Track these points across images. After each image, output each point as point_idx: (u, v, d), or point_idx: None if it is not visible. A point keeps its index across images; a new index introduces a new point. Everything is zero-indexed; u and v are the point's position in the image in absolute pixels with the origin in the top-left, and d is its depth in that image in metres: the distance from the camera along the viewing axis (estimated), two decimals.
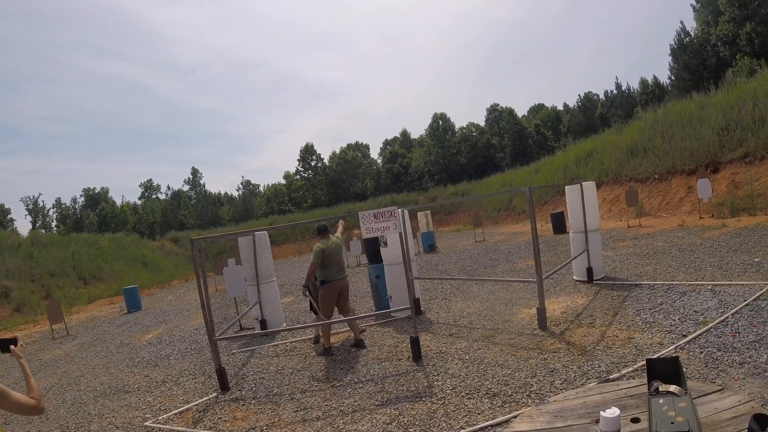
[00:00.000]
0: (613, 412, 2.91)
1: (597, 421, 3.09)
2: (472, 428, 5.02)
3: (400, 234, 7.82)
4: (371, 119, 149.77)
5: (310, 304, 9.35)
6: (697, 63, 45.40)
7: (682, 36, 48.52)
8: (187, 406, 7.28)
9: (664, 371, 3.22)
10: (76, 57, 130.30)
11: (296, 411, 6.32)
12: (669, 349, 6.13)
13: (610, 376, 5.59)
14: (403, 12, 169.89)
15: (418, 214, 26.65)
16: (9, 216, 79.71)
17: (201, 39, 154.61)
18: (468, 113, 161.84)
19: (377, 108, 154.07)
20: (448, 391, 6.04)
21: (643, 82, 60.95)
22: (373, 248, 11.20)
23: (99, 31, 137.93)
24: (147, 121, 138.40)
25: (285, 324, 11.42)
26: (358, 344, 8.86)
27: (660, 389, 3.03)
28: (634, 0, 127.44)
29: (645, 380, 3.33)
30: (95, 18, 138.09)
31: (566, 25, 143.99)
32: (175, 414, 7.07)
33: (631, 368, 5.73)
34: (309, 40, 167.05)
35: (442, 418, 5.34)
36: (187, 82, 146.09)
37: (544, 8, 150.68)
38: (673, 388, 2.99)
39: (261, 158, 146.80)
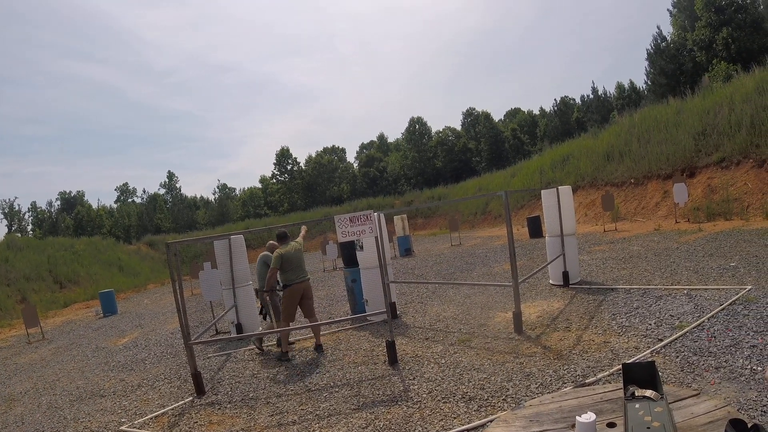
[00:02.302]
0: (588, 417, 2.89)
1: (573, 426, 3.06)
2: None
3: (376, 238, 7.79)
4: (345, 123, 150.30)
5: (260, 308, 9.34)
6: (674, 68, 45.78)
7: (659, 41, 48.89)
8: (162, 411, 7.23)
9: (640, 376, 3.20)
10: (49, 59, 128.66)
11: (272, 415, 6.27)
12: (645, 353, 6.14)
13: (586, 381, 5.59)
14: (375, 18, 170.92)
15: (395, 218, 26.68)
16: None
17: (175, 42, 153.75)
18: (444, 117, 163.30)
19: (351, 112, 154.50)
20: (424, 395, 6.01)
21: (620, 87, 61.40)
22: (349, 252, 11.18)
23: (72, 33, 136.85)
24: (121, 124, 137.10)
25: (261, 328, 11.33)
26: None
27: (636, 394, 3.01)
28: (610, 5, 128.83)
29: (621, 385, 3.31)
30: (68, 20, 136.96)
31: (540, 32, 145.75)
32: (151, 418, 7.02)
33: (606, 372, 5.73)
34: (282, 45, 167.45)
35: (418, 423, 5.31)
36: (160, 85, 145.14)
37: (517, 17, 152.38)
38: (649, 392, 2.97)
39: (236, 162, 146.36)
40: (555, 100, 75.64)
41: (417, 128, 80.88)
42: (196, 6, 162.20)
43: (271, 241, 9.91)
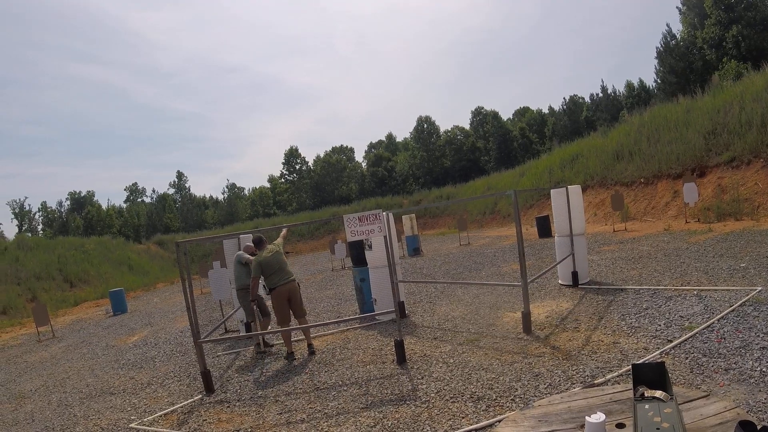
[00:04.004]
0: (598, 417, 2.88)
1: (582, 426, 3.06)
2: None
3: (385, 237, 7.79)
4: (352, 123, 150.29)
5: (251, 308, 9.42)
6: (684, 66, 45.60)
7: (669, 39, 48.72)
8: (172, 408, 7.28)
9: (650, 376, 3.19)
10: (54, 60, 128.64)
11: (280, 413, 6.29)
12: (654, 354, 6.12)
13: (595, 381, 5.57)
14: (377, 18, 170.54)
15: (403, 217, 26.67)
16: None
17: (179, 43, 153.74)
18: (453, 116, 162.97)
19: (358, 112, 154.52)
20: (433, 395, 6.01)
21: (629, 86, 61.26)
22: (357, 251, 11.18)
23: (77, 35, 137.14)
24: (127, 125, 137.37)
25: (269, 327, 11.35)
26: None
27: (645, 395, 3.00)
28: (617, 3, 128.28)
29: (630, 385, 3.30)
30: (73, 21, 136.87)
31: (547, 30, 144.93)
32: (160, 416, 7.06)
33: (616, 373, 5.71)
34: (286, 45, 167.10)
35: (426, 422, 5.31)
36: (166, 86, 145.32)
37: (523, 16, 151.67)
38: (658, 393, 2.96)
39: (242, 162, 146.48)
40: (564, 98, 75.26)
41: (425, 127, 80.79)
42: (199, 7, 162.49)
43: (247, 243, 10.00)
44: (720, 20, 41.59)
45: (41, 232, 79.02)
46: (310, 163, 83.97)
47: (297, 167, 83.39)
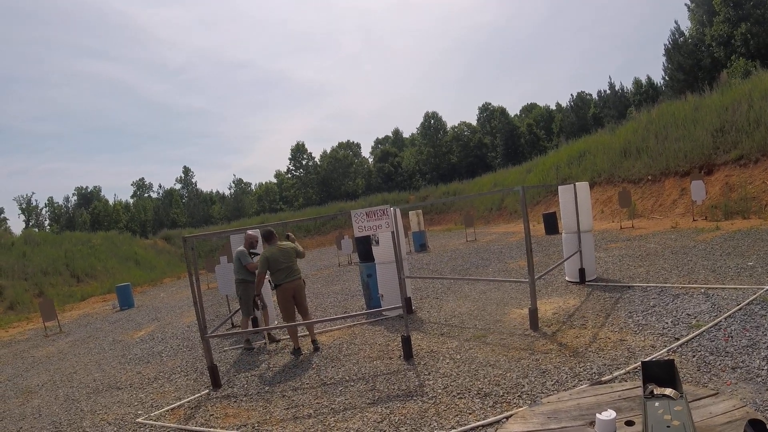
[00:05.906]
0: (608, 414, 2.89)
1: (592, 423, 3.06)
2: (463, 428, 5.01)
3: (393, 233, 7.79)
4: (359, 119, 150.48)
5: (255, 302, 9.43)
6: (692, 63, 45.42)
7: (677, 36, 48.56)
8: (178, 403, 7.28)
9: (659, 374, 3.20)
10: (63, 57, 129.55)
11: (287, 408, 6.31)
12: (661, 352, 6.11)
13: (602, 378, 5.57)
14: (386, 15, 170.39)
15: (410, 213, 26.60)
16: (2, 215, 78.93)
17: (188, 39, 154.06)
18: (460, 112, 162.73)
19: (365, 108, 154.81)
20: (439, 391, 6.02)
21: (637, 83, 61.07)
22: (364, 247, 11.17)
23: (86, 32, 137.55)
24: (135, 121, 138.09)
25: (276, 322, 11.35)
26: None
27: (655, 392, 3.00)
28: (626, 1, 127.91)
29: (639, 383, 3.31)
30: (82, 18, 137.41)
31: (555, 27, 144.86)
32: (167, 411, 7.07)
33: (623, 371, 5.71)
34: (294, 41, 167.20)
35: (433, 418, 5.32)
36: (174, 83, 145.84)
37: (530, 12, 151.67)
38: (668, 391, 2.96)
39: (250, 158, 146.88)
40: (571, 95, 75.50)
41: (432, 123, 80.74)
42: (206, 4, 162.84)
43: (248, 232, 9.97)
44: (729, 18, 41.41)
45: (48, 227, 79.22)
46: (316, 159, 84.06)
47: (303, 162, 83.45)
